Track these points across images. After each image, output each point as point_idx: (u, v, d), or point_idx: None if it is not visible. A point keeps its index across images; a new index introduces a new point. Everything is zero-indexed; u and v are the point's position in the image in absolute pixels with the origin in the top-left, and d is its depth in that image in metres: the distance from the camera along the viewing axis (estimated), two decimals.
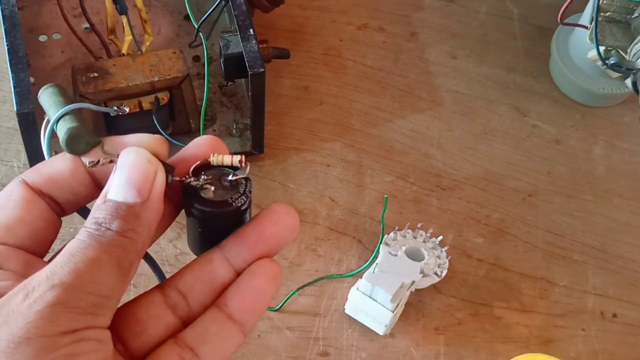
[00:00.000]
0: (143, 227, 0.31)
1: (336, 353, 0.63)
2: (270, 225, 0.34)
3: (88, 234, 0.30)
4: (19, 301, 0.28)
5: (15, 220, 0.32)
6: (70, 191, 0.34)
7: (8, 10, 0.62)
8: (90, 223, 0.31)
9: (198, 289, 0.34)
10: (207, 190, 0.33)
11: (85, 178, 0.34)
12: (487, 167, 0.72)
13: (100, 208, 0.31)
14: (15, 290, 0.29)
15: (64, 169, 0.33)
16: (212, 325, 0.34)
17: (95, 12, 0.70)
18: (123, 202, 0.31)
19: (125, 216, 0.31)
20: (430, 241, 0.66)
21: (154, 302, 0.34)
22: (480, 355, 0.64)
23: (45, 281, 0.29)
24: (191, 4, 0.69)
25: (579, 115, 0.76)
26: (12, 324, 0.28)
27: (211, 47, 0.68)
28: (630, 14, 0.65)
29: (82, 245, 0.30)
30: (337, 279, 0.66)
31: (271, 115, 0.72)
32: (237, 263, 0.34)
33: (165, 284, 0.35)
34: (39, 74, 0.69)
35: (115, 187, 0.31)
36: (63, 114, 0.34)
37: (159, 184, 0.32)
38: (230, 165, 0.34)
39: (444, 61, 0.78)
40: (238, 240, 0.34)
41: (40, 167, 0.34)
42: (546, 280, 0.68)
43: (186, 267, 0.35)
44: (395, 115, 0.74)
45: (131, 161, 0.32)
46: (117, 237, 0.30)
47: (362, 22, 0.79)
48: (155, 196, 0.32)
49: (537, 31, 0.80)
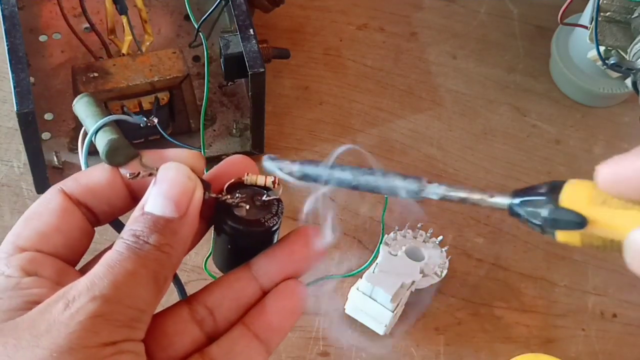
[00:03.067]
0: (179, 243, 0.32)
1: (336, 353, 0.63)
2: (300, 248, 0.34)
3: (126, 246, 0.30)
4: (59, 310, 0.28)
5: (52, 228, 0.33)
6: (107, 202, 0.34)
7: (8, 10, 0.62)
8: (128, 235, 0.31)
9: (226, 305, 0.34)
10: (240, 208, 0.34)
11: (122, 190, 0.34)
12: (487, 167, 0.72)
13: (138, 220, 0.31)
14: (54, 298, 0.29)
15: (101, 180, 0.34)
16: (239, 343, 0.34)
17: (95, 12, 0.70)
18: (161, 216, 0.31)
19: (163, 230, 0.31)
20: (430, 241, 0.66)
21: (181, 317, 0.34)
22: (480, 355, 0.64)
23: (85, 292, 0.29)
24: (191, 4, 0.69)
25: (579, 115, 0.76)
26: (55, 334, 0.28)
27: (211, 47, 0.68)
28: (630, 14, 0.65)
29: (121, 257, 0.30)
30: (337, 279, 0.66)
31: (271, 115, 0.72)
32: (265, 282, 0.35)
33: (192, 298, 0.35)
34: (39, 74, 0.69)
35: (154, 200, 0.32)
36: (102, 125, 0.34)
37: (196, 200, 0.32)
38: (264, 185, 0.34)
39: (444, 61, 0.78)
40: (268, 260, 0.35)
41: (78, 177, 0.34)
42: (546, 280, 0.68)
43: (214, 284, 0.35)
44: (395, 115, 0.74)
45: (171, 176, 0.32)
46: (154, 251, 0.31)
47: (362, 22, 0.79)
48: (193, 212, 0.32)
49: (537, 31, 0.80)
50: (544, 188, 0.30)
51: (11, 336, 0.28)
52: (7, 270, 0.31)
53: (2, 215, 0.66)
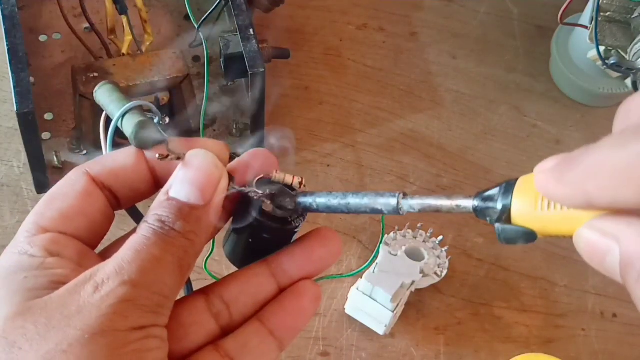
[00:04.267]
0: (203, 230, 0.32)
1: (336, 353, 0.63)
2: (319, 248, 0.35)
3: (153, 231, 0.31)
4: (89, 292, 0.29)
5: (75, 210, 0.33)
6: (130, 186, 0.34)
7: (8, 10, 0.62)
8: (154, 220, 0.31)
9: (242, 300, 0.35)
10: (267, 203, 0.34)
11: (146, 175, 0.34)
12: (487, 167, 0.72)
13: (163, 205, 0.31)
14: (81, 279, 0.29)
15: (126, 164, 0.34)
16: (254, 338, 0.34)
17: (95, 12, 0.70)
18: (186, 203, 0.31)
19: (188, 218, 0.31)
20: (430, 241, 0.66)
21: (197, 309, 0.34)
22: (480, 355, 0.64)
23: (114, 276, 0.29)
24: (191, 4, 0.69)
25: (579, 115, 0.76)
26: (86, 315, 0.28)
27: (211, 47, 0.68)
28: (630, 14, 0.65)
29: (148, 242, 0.30)
30: (337, 279, 0.66)
31: (271, 115, 0.72)
32: (283, 280, 0.35)
33: (209, 290, 0.35)
34: (39, 74, 0.69)
35: (179, 185, 0.32)
36: (129, 109, 0.34)
37: (222, 189, 0.32)
38: (291, 184, 0.35)
39: (444, 61, 0.78)
40: (287, 258, 0.35)
41: (103, 160, 0.34)
42: (546, 280, 0.68)
43: (232, 278, 0.35)
44: (395, 115, 0.74)
45: (198, 163, 0.32)
46: (179, 238, 0.31)
47: (362, 22, 0.79)
48: (217, 201, 0.32)
49: (537, 31, 0.80)
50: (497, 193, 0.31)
51: (42, 315, 0.29)
52: (31, 250, 0.31)
53: (2, 215, 0.66)
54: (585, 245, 0.27)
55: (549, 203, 0.29)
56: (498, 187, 0.31)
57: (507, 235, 0.30)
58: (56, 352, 0.28)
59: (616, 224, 0.26)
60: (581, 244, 0.27)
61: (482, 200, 0.31)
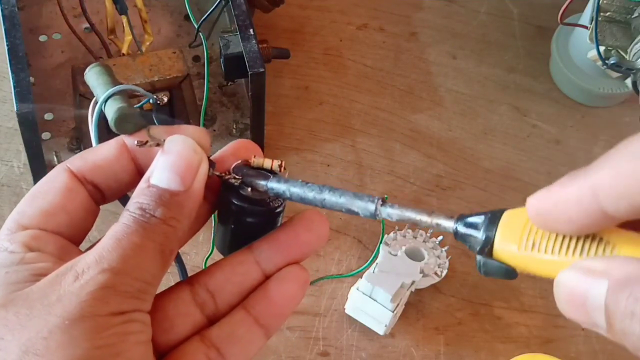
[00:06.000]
0: (184, 216, 0.32)
1: (336, 353, 0.63)
2: (304, 232, 0.35)
3: (133, 219, 0.31)
4: (69, 281, 0.29)
5: (56, 207, 0.33)
6: (114, 178, 0.34)
7: (8, 10, 0.62)
8: (134, 207, 0.31)
9: (228, 289, 0.35)
10: (245, 189, 0.34)
11: (129, 165, 0.34)
12: (487, 167, 0.72)
13: (144, 193, 0.32)
14: (62, 270, 0.30)
15: (109, 156, 0.34)
16: (240, 327, 0.34)
17: (95, 12, 0.70)
18: (166, 189, 0.31)
19: (169, 204, 0.31)
20: (430, 241, 0.66)
21: (182, 300, 0.34)
22: (480, 355, 0.64)
23: (94, 265, 0.29)
24: (191, 4, 0.69)
25: (579, 115, 0.76)
26: (66, 303, 0.29)
27: (211, 47, 0.68)
28: (630, 14, 0.65)
29: (128, 230, 0.30)
30: (337, 279, 0.66)
31: (271, 115, 0.72)
32: (268, 267, 0.35)
33: (194, 280, 0.35)
34: (39, 74, 0.69)
35: (160, 173, 0.32)
36: (112, 94, 0.34)
37: (202, 174, 0.32)
38: (270, 168, 0.35)
39: (444, 61, 0.78)
40: (271, 244, 0.35)
41: (85, 155, 0.34)
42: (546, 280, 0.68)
43: (216, 266, 0.35)
44: (395, 115, 0.74)
45: (177, 149, 0.32)
46: (160, 224, 0.31)
47: (362, 22, 0.79)
48: (198, 186, 0.32)
49: (537, 31, 0.80)
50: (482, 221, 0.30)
51: (23, 306, 0.29)
52: (10, 247, 0.31)
53: (2, 215, 0.66)
54: (565, 288, 0.27)
55: (533, 243, 0.29)
56: (483, 215, 0.30)
57: (487, 269, 0.30)
58: (37, 339, 0.28)
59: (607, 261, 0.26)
60: (561, 287, 0.27)
61: (464, 225, 0.31)
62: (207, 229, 0.64)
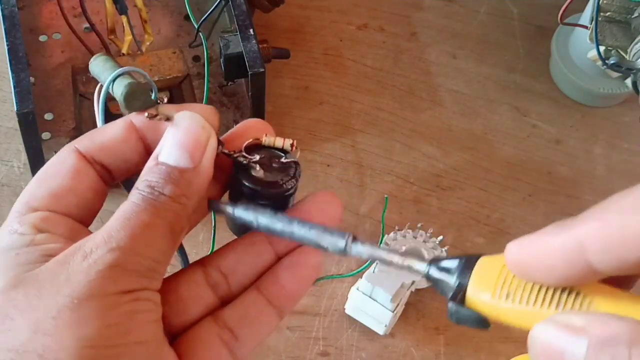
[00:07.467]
0: (194, 193, 0.32)
1: (336, 353, 0.63)
2: (317, 213, 0.34)
3: (142, 197, 0.31)
4: (78, 261, 0.29)
5: (65, 189, 0.33)
6: (122, 157, 0.34)
7: (8, 10, 0.62)
8: (143, 185, 0.31)
9: (240, 270, 0.35)
10: (257, 169, 0.34)
11: (138, 144, 0.34)
12: (487, 167, 0.72)
13: (153, 171, 0.31)
14: (71, 250, 0.30)
15: (117, 136, 0.34)
16: (253, 308, 0.34)
17: (95, 12, 0.70)
18: (175, 167, 0.31)
19: (178, 181, 0.31)
20: (430, 241, 0.66)
21: (195, 281, 0.34)
22: (480, 355, 0.64)
23: (103, 244, 0.29)
24: (191, 4, 0.69)
25: (579, 115, 0.76)
26: (75, 282, 0.28)
27: (211, 47, 0.68)
28: (630, 14, 0.65)
29: (137, 208, 0.30)
30: (337, 279, 0.66)
31: (271, 115, 0.72)
32: (280, 248, 0.35)
33: (206, 261, 0.35)
34: (39, 74, 0.69)
35: (168, 149, 0.32)
36: (119, 74, 0.34)
37: (210, 150, 0.32)
38: (282, 147, 0.34)
39: (444, 61, 0.78)
40: None
41: (93, 135, 0.34)
42: None
43: (229, 247, 0.35)
44: (395, 115, 0.74)
45: (185, 125, 0.32)
46: (169, 202, 0.31)
47: (362, 22, 0.79)
48: (206, 163, 0.32)
49: (537, 31, 0.80)
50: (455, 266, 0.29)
51: (32, 286, 0.29)
52: (20, 228, 0.31)
53: (2, 215, 0.66)
54: (541, 343, 0.26)
55: (508, 292, 0.28)
56: (457, 259, 0.30)
57: (459, 316, 0.29)
58: (45, 319, 0.28)
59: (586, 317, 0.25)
60: (536, 341, 0.26)
61: (437, 269, 0.30)
62: (207, 229, 0.65)
